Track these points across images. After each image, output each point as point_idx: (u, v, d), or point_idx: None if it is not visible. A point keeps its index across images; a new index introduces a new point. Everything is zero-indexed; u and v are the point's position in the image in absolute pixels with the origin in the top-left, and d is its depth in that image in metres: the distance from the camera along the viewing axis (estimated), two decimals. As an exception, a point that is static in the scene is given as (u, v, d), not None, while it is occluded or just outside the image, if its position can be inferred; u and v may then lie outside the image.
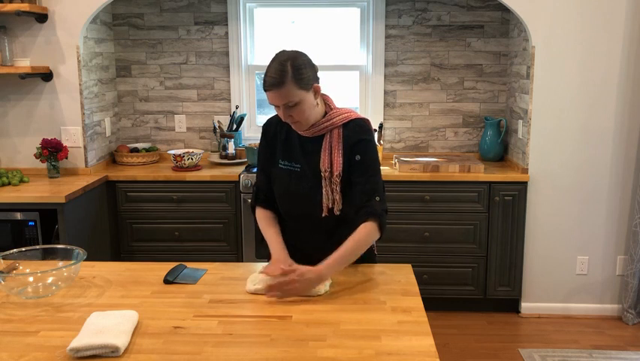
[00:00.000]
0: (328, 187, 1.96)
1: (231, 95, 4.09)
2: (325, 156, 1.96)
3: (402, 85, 4.03)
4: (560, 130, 3.52)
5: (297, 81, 1.85)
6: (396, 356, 1.44)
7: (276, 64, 1.86)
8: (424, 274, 3.61)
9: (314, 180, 1.98)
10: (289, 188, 2.04)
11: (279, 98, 1.86)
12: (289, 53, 1.89)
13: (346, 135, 1.96)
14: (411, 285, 1.90)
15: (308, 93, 1.89)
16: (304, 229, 2.07)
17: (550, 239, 3.63)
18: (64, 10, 3.47)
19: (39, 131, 3.61)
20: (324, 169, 1.95)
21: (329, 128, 1.97)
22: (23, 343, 1.52)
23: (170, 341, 1.52)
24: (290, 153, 2.04)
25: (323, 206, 1.97)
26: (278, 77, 1.83)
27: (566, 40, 3.43)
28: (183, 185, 3.60)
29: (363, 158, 1.96)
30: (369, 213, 1.91)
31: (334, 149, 1.95)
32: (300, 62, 1.87)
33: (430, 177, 3.53)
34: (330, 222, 2.01)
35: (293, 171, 2.02)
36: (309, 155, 2.00)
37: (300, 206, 2.05)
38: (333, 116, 1.97)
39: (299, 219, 2.07)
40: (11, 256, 1.94)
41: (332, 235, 2.01)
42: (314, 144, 1.99)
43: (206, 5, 3.98)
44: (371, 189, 1.95)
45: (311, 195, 1.99)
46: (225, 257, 3.64)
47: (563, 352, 3.23)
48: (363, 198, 1.94)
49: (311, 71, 1.90)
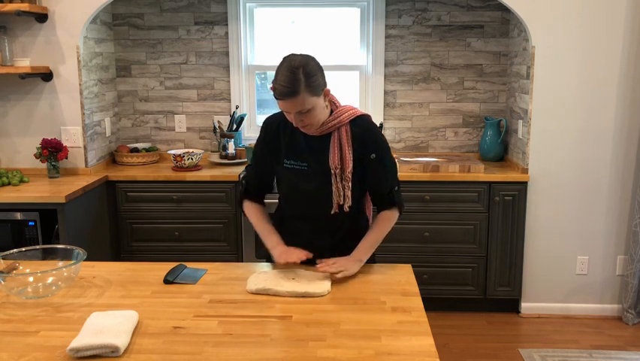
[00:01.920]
0: (339, 184, 1.98)
1: (231, 95, 4.09)
2: (335, 153, 1.97)
3: (402, 85, 4.03)
4: (560, 130, 3.52)
5: (310, 89, 1.84)
6: (396, 356, 1.45)
7: (288, 72, 1.82)
8: (424, 274, 3.61)
9: (322, 178, 1.99)
10: (296, 187, 2.05)
11: (292, 106, 1.86)
12: (299, 59, 1.85)
13: (355, 132, 1.99)
14: (411, 285, 1.90)
15: (319, 98, 1.89)
16: (307, 229, 2.08)
17: (550, 239, 3.63)
18: (64, 10, 3.47)
19: (39, 131, 3.61)
20: (334, 166, 1.97)
21: (337, 126, 1.98)
22: (23, 343, 1.52)
23: (170, 341, 1.52)
24: (296, 152, 2.04)
25: (333, 203, 1.99)
26: (291, 87, 1.81)
27: (566, 40, 3.43)
28: (183, 185, 3.60)
29: (378, 155, 2.01)
30: (391, 203, 2.08)
31: (344, 145, 1.97)
32: (311, 68, 1.85)
33: (430, 177, 3.53)
34: (334, 221, 2.03)
35: (300, 170, 2.03)
36: (316, 153, 2.00)
37: (306, 205, 2.06)
38: (340, 113, 1.98)
39: (304, 218, 2.09)
40: (11, 256, 1.94)
41: (334, 235, 2.03)
42: (321, 142, 2.00)
43: (206, 5, 3.99)
44: (389, 184, 2.06)
45: (319, 193, 2.00)
46: (225, 257, 3.64)
47: (563, 352, 3.23)
48: (383, 192, 2.07)
49: (321, 76, 1.89)
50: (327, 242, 2.06)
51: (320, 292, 1.81)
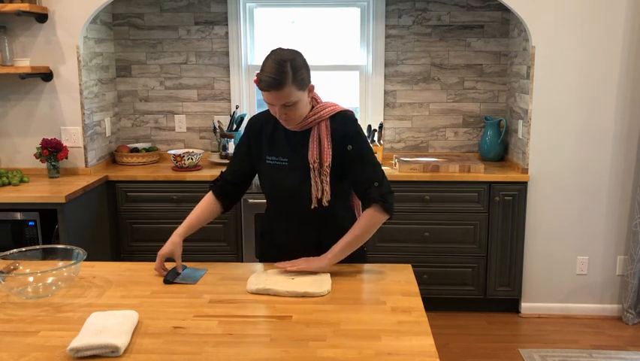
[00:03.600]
0: (317, 178, 1.98)
1: (231, 95, 4.09)
2: (314, 148, 1.97)
3: (402, 85, 4.03)
4: (560, 130, 3.52)
5: (297, 82, 1.87)
6: (396, 356, 1.44)
7: (275, 64, 1.85)
8: (424, 274, 3.61)
9: (302, 173, 2.00)
10: (278, 182, 2.06)
11: (277, 98, 1.87)
12: (287, 52, 1.89)
13: (334, 128, 1.99)
14: (411, 285, 1.90)
15: (304, 93, 1.92)
16: (293, 226, 2.09)
17: (550, 239, 3.63)
18: (64, 10, 3.47)
19: (39, 131, 3.61)
20: (312, 160, 1.97)
21: (317, 121, 1.99)
22: (23, 343, 1.52)
23: (170, 341, 1.52)
24: (277, 148, 2.05)
25: (312, 197, 1.99)
26: (278, 79, 1.84)
27: (566, 40, 3.43)
28: (183, 185, 3.60)
29: (355, 148, 1.99)
30: (369, 200, 1.98)
31: (323, 140, 1.97)
32: (298, 63, 1.88)
33: (430, 177, 3.53)
34: (319, 216, 2.03)
35: (280, 166, 2.04)
36: (297, 148, 2.01)
37: (289, 200, 2.07)
38: (320, 109, 1.99)
39: (288, 214, 2.10)
40: (11, 256, 1.94)
41: (321, 230, 2.04)
42: (301, 138, 2.01)
43: (206, 5, 3.98)
44: (367, 178, 1.99)
45: (299, 188, 2.01)
46: (225, 257, 3.64)
47: (563, 352, 3.23)
48: (362, 188, 2.00)
49: (306, 72, 1.92)
50: (314, 239, 2.06)
51: (320, 292, 1.81)
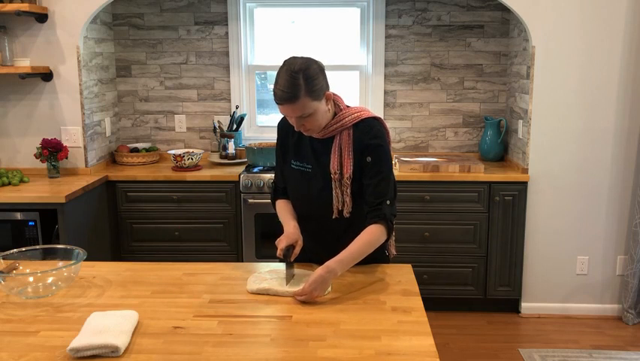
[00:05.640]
0: (338, 189, 1.95)
1: (231, 95, 4.09)
2: (335, 158, 1.94)
3: (402, 85, 4.03)
4: (560, 130, 3.52)
5: (311, 93, 1.81)
6: (396, 356, 1.44)
7: (287, 76, 1.80)
8: (424, 274, 3.61)
9: (324, 181, 1.97)
10: (301, 188, 2.04)
11: (292, 111, 1.84)
12: (300, 62, 1.82)
13: (356, 137, 1.94)
14: (411, 285, 1.90)
15: (321, 102, 1.87)
16: (315, 230, 2.05)
17: (550, 239, 3.63)
18: (64, 10, 3.47)
19: (39, 131, 3.61)
20: (333, 171, 1.94)
21: (339, 129, 1.95)
22: (23, 343, 1.52)
23: (170, 341, 1.52)
24: (301, 154, 2.03)
25: (333, 208, 1.97)
26: (291, 92, 1.79)
27: (566, 40, 3.43)
28: (183, 185, 3.60)
29: (373, 160, 1.93)
30: (378, 216, 1.91)
31: (344, 150, 1.94)
32: (312, 72, 1.82)
33: (430, 177, 3.53)
34: (340, 224, 1.99)
35: (304, 172, 2.02)
36: (320, 156, 1.99)
37: (310, 207, 2.04)
38: (343, 117, 1.95)
39: (310, 220, 2.06)
40: (11, 256, 1.94)
41: (341, 237, 1.99)
42: (324, 145, 1.98)
43: (206, 5, 3.98)
44: (381, 192, 1.93)
45: (321, 196, 1.98)
46: (225, 257, 3.64)
47: (563, 352, 3.23)
48: (374, 201, 1.93)
49: (323, 80, 1.86)
50: (335, 244, 2.00)
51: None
